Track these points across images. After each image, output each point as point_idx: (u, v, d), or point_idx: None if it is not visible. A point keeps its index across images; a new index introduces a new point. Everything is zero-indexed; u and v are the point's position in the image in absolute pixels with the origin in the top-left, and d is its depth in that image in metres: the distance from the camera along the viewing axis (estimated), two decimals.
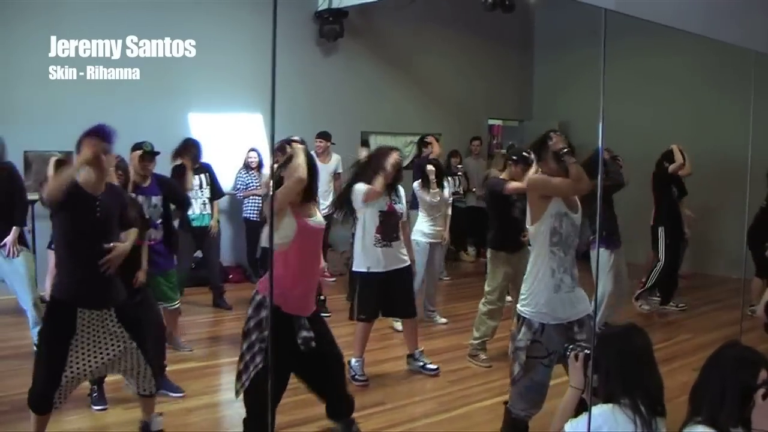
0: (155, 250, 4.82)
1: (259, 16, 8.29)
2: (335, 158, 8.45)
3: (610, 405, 2.51)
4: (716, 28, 4.08)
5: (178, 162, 6.06)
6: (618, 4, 2.76)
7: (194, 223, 6.84)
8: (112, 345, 3.60)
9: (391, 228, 5.06)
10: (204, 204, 6.92)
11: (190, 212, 6.79)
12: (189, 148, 6.31)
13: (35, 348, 5.28)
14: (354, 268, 5.21)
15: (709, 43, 5.71)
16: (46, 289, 6.28)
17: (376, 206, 5.00)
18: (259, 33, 8.27)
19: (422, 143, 8.39)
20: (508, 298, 6.47)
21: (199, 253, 7.43)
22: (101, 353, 3.58)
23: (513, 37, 11.68)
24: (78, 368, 3.54)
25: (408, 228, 5.33)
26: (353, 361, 5.08)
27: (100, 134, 3.51)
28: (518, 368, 3.67)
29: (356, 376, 5.05)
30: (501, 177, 5.63)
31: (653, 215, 7.54)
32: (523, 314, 3.68)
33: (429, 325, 6.54)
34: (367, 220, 5.02)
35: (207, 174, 6.96)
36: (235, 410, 4.19)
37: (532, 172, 4.02)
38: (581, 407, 2.75)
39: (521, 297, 3.76)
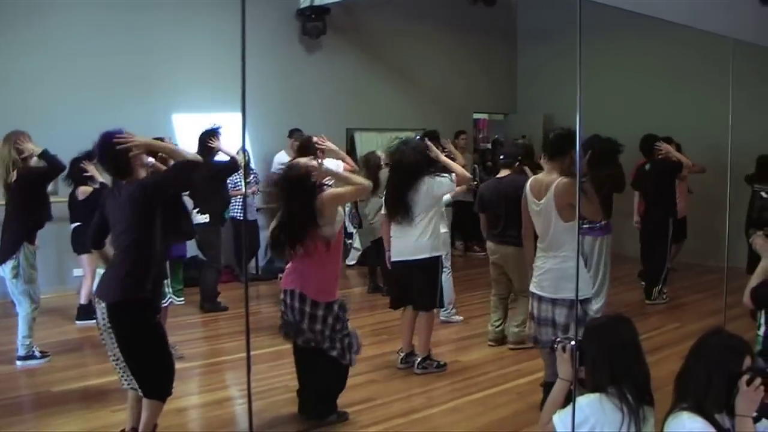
0: None
1: (239, 15, 8.25)
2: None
3: (598, 394, 2.53)
4: (697, 17, 4.10)
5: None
6: None
7: None
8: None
9: None
10: None
11: None
12: None
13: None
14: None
15: (691, 31, 5.73)
16: (81, 293, 6.34)
17: None
18: (240, 32, 8.24)
19: None
20: None
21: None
22: None
23: (496, 30, 11.69)
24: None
25: None
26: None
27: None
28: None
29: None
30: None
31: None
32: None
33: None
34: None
35: None
36: (226, 410, 4.19)
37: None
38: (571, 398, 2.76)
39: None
